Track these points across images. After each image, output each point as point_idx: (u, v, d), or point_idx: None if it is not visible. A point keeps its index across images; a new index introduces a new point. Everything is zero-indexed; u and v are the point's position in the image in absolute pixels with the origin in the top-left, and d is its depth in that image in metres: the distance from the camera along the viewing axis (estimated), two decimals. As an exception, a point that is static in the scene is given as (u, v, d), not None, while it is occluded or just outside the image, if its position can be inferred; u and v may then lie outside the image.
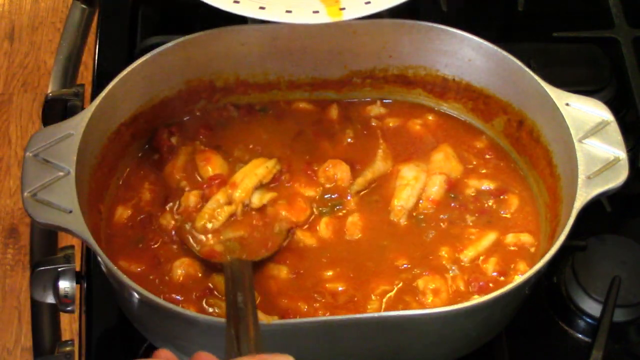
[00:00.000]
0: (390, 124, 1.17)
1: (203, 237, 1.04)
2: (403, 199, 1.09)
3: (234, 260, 1.00)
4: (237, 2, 1.00)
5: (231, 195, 1.06)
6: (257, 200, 1.07)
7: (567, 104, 1.04)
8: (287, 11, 1.00)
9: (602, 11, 1.39)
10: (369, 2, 1.00)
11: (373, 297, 1.01)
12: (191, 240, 1.04)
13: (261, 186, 1.08)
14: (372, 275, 1.03)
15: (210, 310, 0.99)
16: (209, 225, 1.04)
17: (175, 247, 1.04)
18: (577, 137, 1.02)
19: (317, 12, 1.01)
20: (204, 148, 1.12)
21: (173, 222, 1.06)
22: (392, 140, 1.16)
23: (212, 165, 1.10)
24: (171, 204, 1.08)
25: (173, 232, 1.05)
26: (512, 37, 1.41)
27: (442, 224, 1.08)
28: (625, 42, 1.34)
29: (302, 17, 1.00)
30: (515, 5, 1.42)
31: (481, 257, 1.05)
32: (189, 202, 1.07)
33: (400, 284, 1.02)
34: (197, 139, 1.14)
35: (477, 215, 1.09)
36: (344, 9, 1.00)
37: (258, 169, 1.09)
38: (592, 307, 1.08)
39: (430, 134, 1.17)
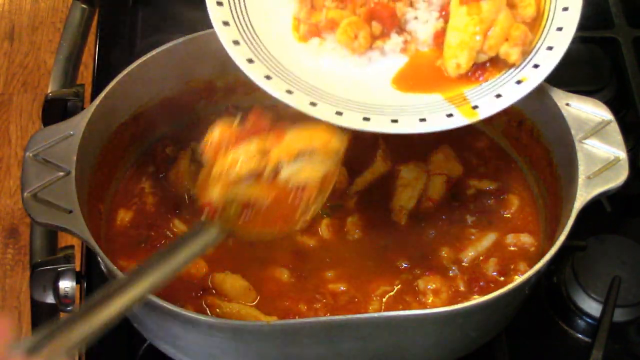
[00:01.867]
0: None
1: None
2: (404, 200, 1.09)
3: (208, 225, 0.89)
4: (368, 120, 0.94)
5: (269, 149, 0.94)
6: (291, 172, 0.93)
7: (567, 104, 1.04)
8: (421, 119, 0.95)
9: (602, 11, 1.39)
10: (499, 96, 0.97)
11: (374, 298, 1.01)
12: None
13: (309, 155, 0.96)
14: (372, 275, 1.03)
15: (210, 310, 0.99)
16: (227, 175, 0.91)
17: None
18: (577, 137, 1.02)
19: (450, 115, 0.96)
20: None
21: (185, 228, 1.06)
22: (392, 141, 1.15)
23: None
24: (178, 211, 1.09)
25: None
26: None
27: (442, 224, 1.08)
28: (625, 42, 1.34)
29: (438, 124, 0.95)
30: (515, 5, 1.42)
31: (481, 258, 1.05)
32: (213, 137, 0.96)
33: (400, 285, 1.02)
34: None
35: (477, 215, 1.09)
36: (476, 107, 0.96)
37: (316, 140, 0.97)
38: (592, 307, 1.08)
39: (430, 134, 1.17)
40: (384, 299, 1.01)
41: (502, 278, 1.03)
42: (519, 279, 0.94)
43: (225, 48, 0.97)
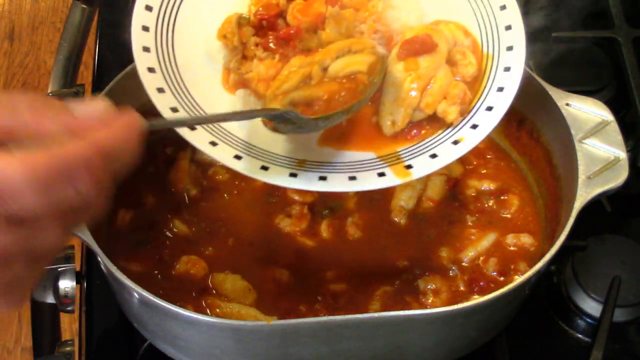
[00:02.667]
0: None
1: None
2: (404, 199, 1.09)
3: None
4: (294, 176, 0.88)
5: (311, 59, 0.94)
6: (338, 66, 0.93)
7: (567, 104, 1.04)
8: (351, 178, 0.89)
9: (602, 11, 1.39)
10: (435, 156, 0.91)
11: (374, 298, 1.01)
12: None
13: (349, 52, 0.95)
14: (372, 275, 1.03)
15: (210, 310, 0.99)
16: (279, 90, 0.91)
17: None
18: (577, 137, 1.02)
19: (382, 174, 0.90)
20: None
21: (185, 228, 1.06)
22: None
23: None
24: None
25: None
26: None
27: (442, 224, 1.08)
28: (625, 42, 1.34)
29: (368, 183, 0.89)
30: (515, 5, 1.42)
31: (481, 258, 1.05)
32: (259, 70, 0.95)
33: (401, 284, 1.02)
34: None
35: (477, 215, 1.09)
36: (410, 167, 0.90)
37: (354, 42, 0.96)
38: (592, 307, 1.08)
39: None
40: (384, 299, 1.01)
41: (502, 278, 1.03)
42: (519, 279, 0.94)
43: (149, 95, 0.92)
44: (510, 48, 0.97)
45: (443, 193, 1.10)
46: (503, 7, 1.00)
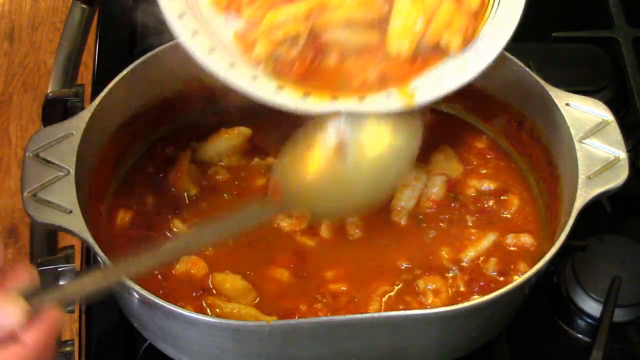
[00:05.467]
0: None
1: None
2: (404, 199, 1.09)
3: None
4: (308, 96, 0.93)
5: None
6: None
7: (567, 104, 1.04)
8: (360, 98, 0.93)
9: (602, 11, 1.39)
10: (439, 82, 0.94)
11: (374, 298, 1.01)
12: None
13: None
14: (373, 275, 1.03)
15: (210, 310, 0.99)
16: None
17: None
18: (577, 137, 1.02)
19: (389, 95, 0.94)
20: None
21: (185, 228, 1.06)
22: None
23: None
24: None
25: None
26: (512, 37, 1.41)
27: (442, 224, 1.08)
28: (625, 42, 1.34)
29: (376, 104, 0.93)
30: (515, 5, 1.42)
31: (481, 258, 1.05)
32: None
33: (401, 284, 1.02)
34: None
35: (477, 215, 1.09)
36: (415, 92, 0.94)
37: (355, 8, 0.97)
38: (592, 307, 1.08)
39: (430, 134, 1.17)
40: (384, 299, 1.01)
41: (501, 278, 1.03)
42: (519, 279, 0.94)
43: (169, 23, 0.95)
44: None
45: (443, 193, 1.10)
46: None
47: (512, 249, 1.06)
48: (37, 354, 0.72)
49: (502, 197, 1.10)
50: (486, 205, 1.10)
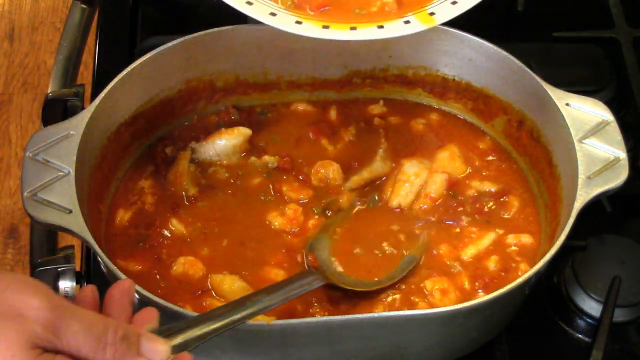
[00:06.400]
0: (393, 122, 1.17)
1: None
2: (401, 195, 1.09)
3: None
4: (327, 27, 0.96)
5: None
6: None
7: (567, 104, 1.04)
8: (379, 27, 0.97)
9: (602, 11, 1.39)
10: (455, 2, 0.98)
11: (374, 298, 1.01)
12: None
13: None
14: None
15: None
16: None
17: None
18: (577, 137, 1.02)
19: (408, 22, 0.97)
20: None
21: (182, 228, 1.07)
22: (395, 138, 1.16)
23: None
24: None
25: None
26: (512, 37, 1.41)
27: (439, 222, 1.08)
28: (625, 42, 1.34)
29: (396, 29, 0.97)
30: (515, 5, 1.42)
31: (481, 257, 1.05)
32: None
33: (404, 287, 1.02)
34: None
35: (476, 215, 1.08)
36: (433, 14, 0.98)
37: None
38: (592, 307, 1.08)
39: (434, 134, 1.17)
40: (389, 300, 1.01)
41: (503, 274, 1.03)
42: (518, 280, 0.94)
43: None
44: None
45: (442, 192, 1.10)
46: None
47: (512, 249, 1.06)
48: None
49: (502, 199, 1.10)
50: (486, 207, 1.09)
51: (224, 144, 1.13)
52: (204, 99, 1.17)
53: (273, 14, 0.97)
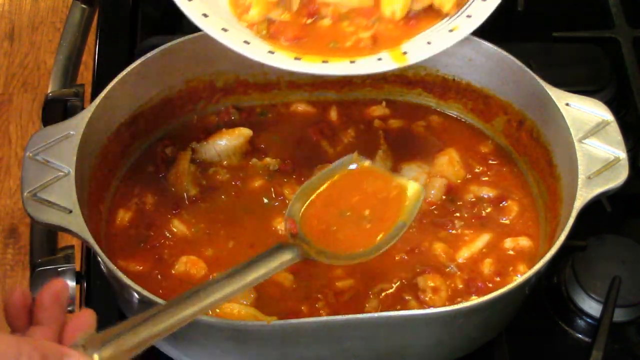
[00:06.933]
0: (394, 125, 1.17)
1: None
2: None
3: None
4: (299, 59, 0.95)
5: None
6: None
7: (567, 104, 1.04)
8: (352, 62, 0.95)
9: (602, 11, 1.39)
10: (430, 43, 0.97)
11: (371, 296, 1.01)
12: None
13: None
14: (371, 274, 1.03)
15: (210, 310, 0.99)
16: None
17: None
18: (577, 137, 1.02)
19: (380, 59, 0.96)
20: None
21: (185, 229, 1.07)
22: (395, 141, 1.15)
23: None
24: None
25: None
26: (512, 37, 1.41)
27: (436, 226, 1.08)
28: (625, 42, 1.34)
29: (368, 66, 0.96)
30: (515, 5, 1.42)
31: (478, 260, 1.04)
32: None
33: (399, 282, 1.02)
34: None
35: (474, 220, 1.08)
36: (406, 52, 0.96)
37: None
38: (592, 307, 1.08)
39: (435, 137, 1.17)
40: (382, 296, 1.01)
41: (497, 279, 1.03)
42: (519, 279, 0.94)
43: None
44: None
45: (440, 196, 1.10)
46: None
47: (510, 253, 1.05)
48: None
49: (501, 205, 1.10)
50: (484, 212, 1.09)
51: (225, 144, 1.13)
52: (204, 99, 1.17)
53: (247, 42, 0.96)
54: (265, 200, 1.10)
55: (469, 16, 0.97)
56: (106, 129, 1.07)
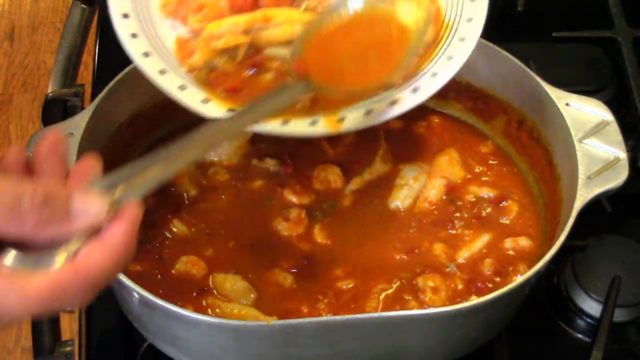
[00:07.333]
0: (394, 126, 1.17)
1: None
2: (399, 199, 1.09)
3: None
4: (232, 111, 0.91)
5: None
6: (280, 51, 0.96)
7: (567, 104, 1.04)
8: (285, 121, 0.91)
9: (602, 11, 1.39)
10: (369, 112, 0.92)
11: (372, 296, 1.01)
12: None
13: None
14: (371, 274, 1.03)
15: (210, 310, 0.99)
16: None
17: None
18: (577, 137, 1.02)
19: (314, 122, 0.91)
20: None
21: (185, 229, 1.07)
22: (395, 141, 1.15)
23: None
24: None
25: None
26: (512, 37, 1.41)
27: (437, 226, 1.08)
28: (625, 42, 1.34)
29: (299, 128, 0.91)
30: (515, 5, 1.43)
31: (478, 260, 1.05)
32: None
33: (399, 282, 1.02)
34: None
35: (473, 220, 1.08)
36: (342, 119, 0.92)
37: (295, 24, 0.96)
38: (592, 307, 1.08)
39: (435, 137, 1.17)
40: (382, 297, 1.01)
41: (497, 279, 1.03)
42: (519, 279, 0.94)
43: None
44: (470, 19, 0.97)
45: (441, 196, 1.10)
46: None
47: (510, 253, 1.06)
48: (117, 253, 0.69)
49: (501, 205, 1.10)
50: (484, 212, 1.09)
51: (225, 144, 1.13)
52: (204, 99, 1.17)
53: (182, 87, 0.93)
54: (265, 201, 1.10)
55: (415, 90, 0.93)
56: (106, 129, 1.07)
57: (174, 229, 1.07)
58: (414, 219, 1.08)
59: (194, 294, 1.01)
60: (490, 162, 1.15)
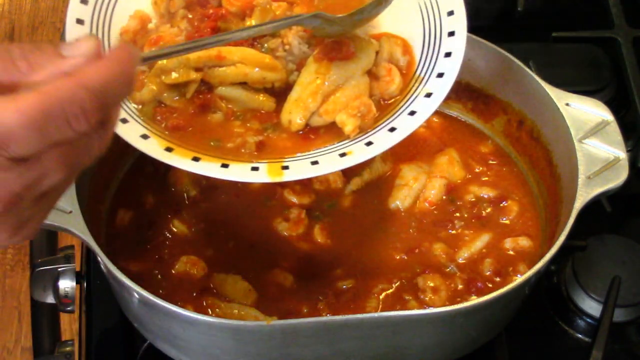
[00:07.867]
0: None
1: None
2: (399, 199, 1.09)
3: None
4: (169, 151, 0.90)
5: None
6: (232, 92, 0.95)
7: (567, 104, 1.04)
8: (224, 165, 0.89)
9: (602, 11, 1.39)
10: (315, 163, 0.89)
11: (372, 296, 1.01)
12: None
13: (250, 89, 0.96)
14: (371, 274, 1.03)
15: (210, 310, 0.99)
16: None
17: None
18: (577, 137, 1.02)
19: (256, 168, 0.89)
20: None
21: (185, 229, 1.07)
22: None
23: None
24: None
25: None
26: (512, 37, 1.41)
27: (437, 226, 1.08)
28: (625, 42, 1.34)
29: (239, 173, 0.88)
30: (515, 5, 1.42)
31: (478, 260, 1.05)
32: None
33: (399, 282, 1.02)
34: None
35: (473, 220, 1.08)
36: (286, 168, 0.89)
37: (254, 71, 0.94)
38: (592, 307, 1.08)
39: (436, 137, 1.17)
40: (382, 297, 1.01)
41: (497, 279, 1.03)
42: (519, 279, 0.94)
43: None
44: (441, 75, 0.95)
45: (441, 196, 1.10)
46: (451, 34, 0.97)
47: (510, 253, 1.06)
48: (119, 63, 0.65)
49: (501, 205, 1.10)
50: (484, 212, 1.09)
51: None
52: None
53: (124, 121, 0.90)
54: (266, 201, 1.10)
55: (368, 144, 0.91)
56: (106, 129, 1.07)
57: (174, 229, 1.07)
58: (414, 219, 1.08)
59: (194, 294, 1.01)
60: (490, 162, 1.15)
